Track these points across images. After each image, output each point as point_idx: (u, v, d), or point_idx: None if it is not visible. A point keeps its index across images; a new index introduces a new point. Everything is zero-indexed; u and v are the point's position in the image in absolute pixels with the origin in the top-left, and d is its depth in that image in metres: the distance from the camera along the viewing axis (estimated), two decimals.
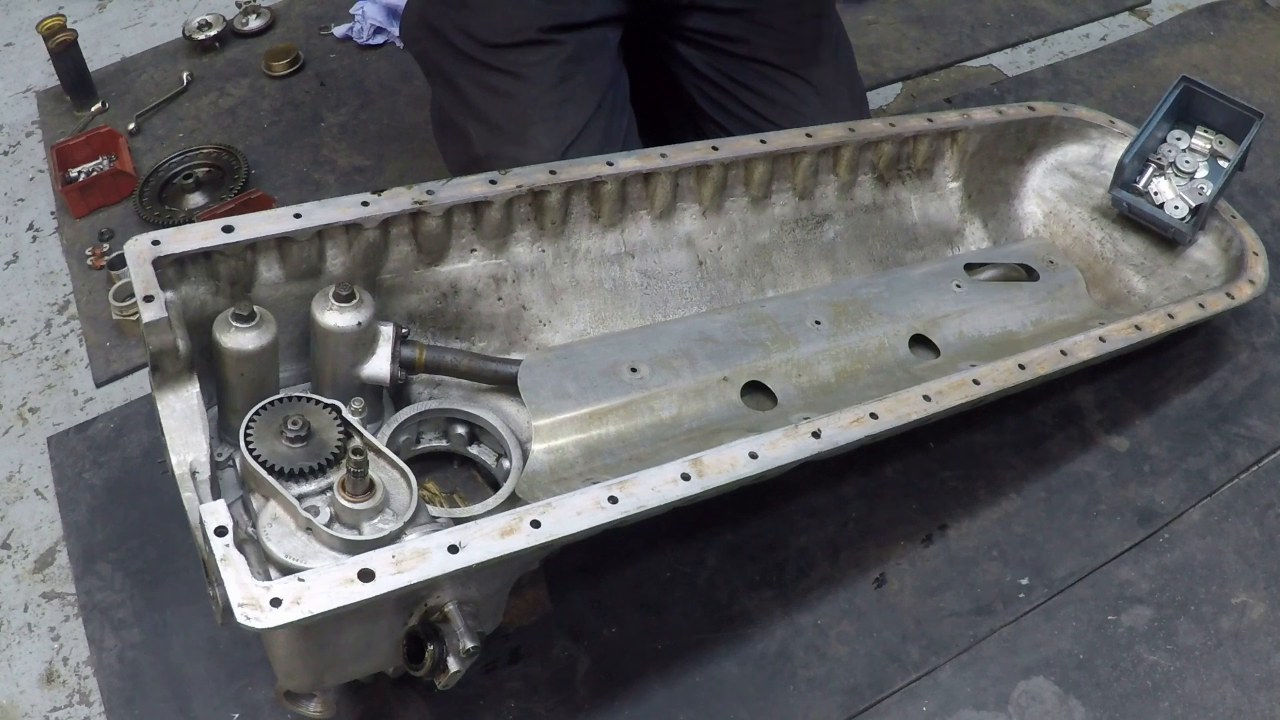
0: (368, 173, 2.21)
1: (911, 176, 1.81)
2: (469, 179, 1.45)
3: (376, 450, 1.21)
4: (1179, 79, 1.81)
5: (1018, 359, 1.44)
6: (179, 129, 2.35)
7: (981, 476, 1.65)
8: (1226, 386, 1.78)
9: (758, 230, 1.69)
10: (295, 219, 1.33)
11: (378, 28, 2.52)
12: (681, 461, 1.18)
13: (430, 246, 1.46)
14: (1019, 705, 1.42)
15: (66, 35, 2.32)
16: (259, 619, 0.97)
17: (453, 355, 1.45)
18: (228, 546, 1.01)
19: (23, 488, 1.73)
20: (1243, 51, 2.48)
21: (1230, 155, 1.80)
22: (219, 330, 1.27)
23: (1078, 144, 1.90)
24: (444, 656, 1.11)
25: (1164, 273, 1.80)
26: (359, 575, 1.01)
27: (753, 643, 1.47)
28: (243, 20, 2.60)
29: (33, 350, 1.96)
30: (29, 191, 2.28)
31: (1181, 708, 1.41)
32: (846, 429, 1.28)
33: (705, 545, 1.56)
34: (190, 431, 1.19)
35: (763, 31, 1.76)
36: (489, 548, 1.06)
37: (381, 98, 2.39)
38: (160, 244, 1.26)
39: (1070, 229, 1.89)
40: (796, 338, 1.61)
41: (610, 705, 1.41)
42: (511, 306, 1.54)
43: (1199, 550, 1.57)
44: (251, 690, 1.43)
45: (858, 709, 1.41)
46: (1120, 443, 1.70)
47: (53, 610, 1.57)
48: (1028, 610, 1.50)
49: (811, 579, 1.53)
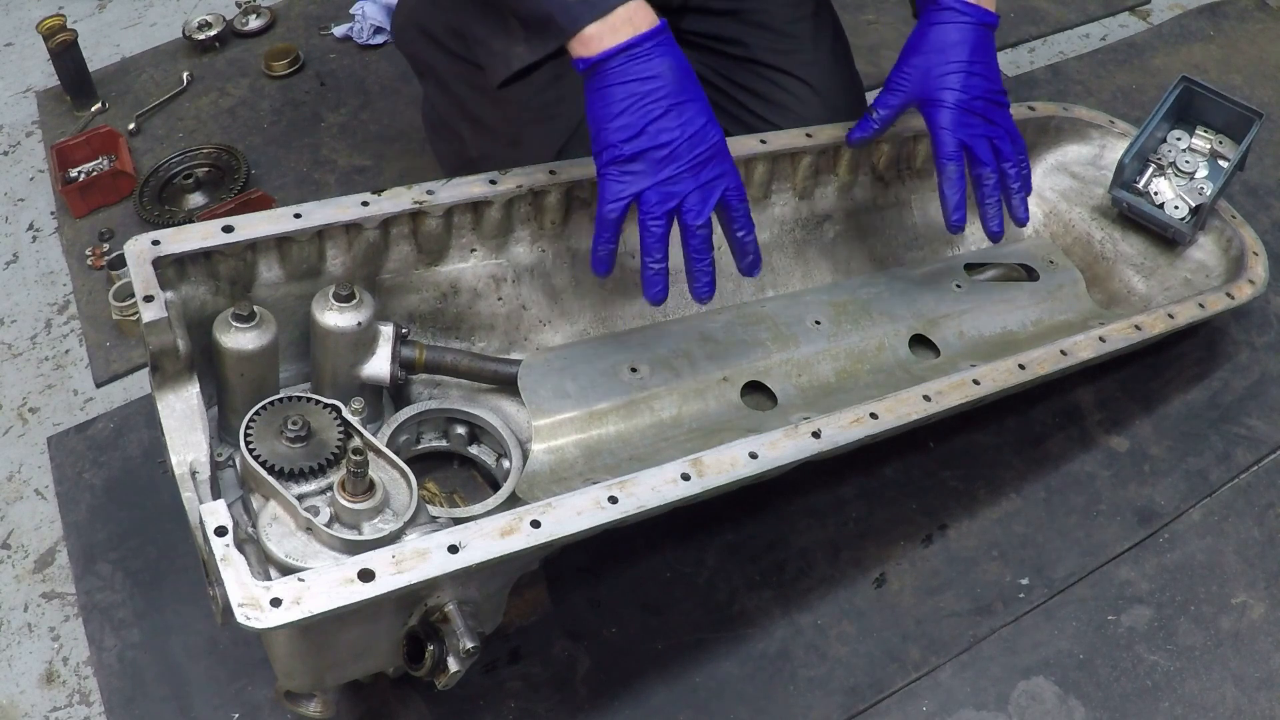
0: (368, 173, 2.21)
1: (911, 176, 1.81)
2: (469, 179, 1.45)
3: (376, 450, 1.21)
4: (1179, 79, 1.81)
5: (1018, 359, 1.45)
6: (179, 129, 2.35)
7: (981, 476, 1.65)
8: (1226, 386, 1.78)
9: (758, 230, 1.69)
10: (295, 219, 1.33)
11: (378, 28, 2.52)
12: (681, 461, 1.18)
13: (430, 246, 1.46)
14: (1019, 705, 1.42)
15: (66, 35, 2.32)
16: (259, 619, 0.97)
17: (453, 355, 1.45)
18: (228, 546, 1.01)
19: (23, 488, 1.73)
20: (1243, 51, 2.48)
21: (1230, 155, 1.80)
22: (219, 330, 1.27)
23: (1078, 144, 1.90)
24: (444, 656, 1.11)
25: (1164, 273, 1.80)
26: (359, 575, 1.01)
27: (753, 643, 1.47)
28: (243, 20, 2.60)
29: (33, 350, 1.96)
30: (29, 191, 2.28)
31: (1181, 708, 1.41)
32: (846, 429, 1.28)
33: (705, 545, 1.56)
34: (190, 431, 1.19)
35: (759, 32, 1.76)
36: (489, 548, 1.06)
37: (381, 98, 2.39)
38: (160, 244, 1.26)
39: (1070, 229, 1.89)
40: (796, 338, 1.61)
41: (610, 705, 1.41)
42: (511, 306, 1.54)
43: (1199, 550, 1.57)
44: (251, 690, 1.43)
45: (858, 709, 1.41)
46: (1120, 443, 1.70)
47: (53, 610, 1.57)
48: (1028, 610, 1.50)
49: (811, 579, 1.54)
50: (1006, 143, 1.54)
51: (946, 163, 1.52)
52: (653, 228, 1.31)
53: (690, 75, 1.33)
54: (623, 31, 1.28)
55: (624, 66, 1.28)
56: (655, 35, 1.29)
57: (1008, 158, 1.53)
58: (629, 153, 1.28)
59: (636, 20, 1.28)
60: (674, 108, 1.29)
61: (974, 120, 1.51)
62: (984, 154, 1.52)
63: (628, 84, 1.28)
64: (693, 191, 1.31)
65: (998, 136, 1.53)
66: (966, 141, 1.51)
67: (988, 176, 1.53)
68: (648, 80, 1.28)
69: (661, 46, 1.29)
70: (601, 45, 1.28)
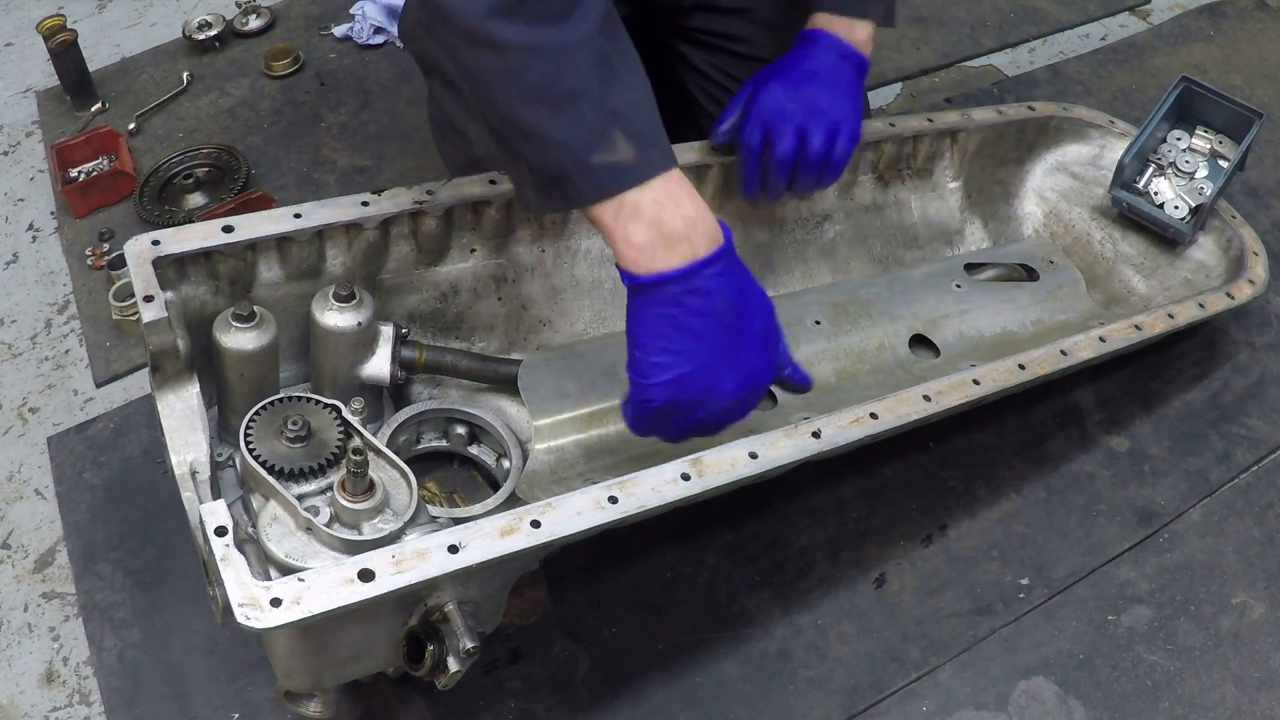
0: (368, 173, 2.21)
1: (911, 176, 1.81)
2: (469, 179, 1.45)
3: (376, 450, 1.21)
4: (1179, 79, 1.81)
5: (1018, 359, 1.44)
6: (179, 129, 2.35)
7: (981, 476, 1.65)
8: (1226, 386, 1.78)
9: (758, 230, 1.69)
10: (295, 219, 1.33)
11: (378, 28, 2.52)
12: (681, 461, 1.18)
13: (430, 246, 1.45)
14: (1019, 705, 1.42)
15: (66, 35, 2.32)
16: (259, 619, 0.97)
17: (453, 355, 1.45)
18: (228, 546, 1.01)
19: (23, 488, 1.73)
20: (1243, 51, 2.48)
21: (1230, 155, 1.80)
22: (219, 330, 1.27)
23: (1078, 144, 1.90)
24: (444, 656, 1.11)
25: (1164, 273, 1.80)
26: (359, 575, 1.01)
27: (753, 643, 1.47)
28: (243, 20, 2.60)
29: (33, 350, 1.96)
30: (29, 191, 2.28)
31: (1181, 708, 1.41)
32: (846, 429, 1.28)
33: (705, 545, 1.56)
34: (190, 431, 1.19)
35: (765, 30, 1.76)
36: (489, 548, 1.06)
37: (381, 98, 2.39)
38: (160, 244, 1.26)
39: (1070, 229, 1.89)
40: (796, 338, 1.61)
41: (610, 705, 1.41)
42: (511, 306, 1.54)
43: (1199, 550, 1.57)
44: (251, 690, 1.43)
45: (858, 709, 1.41)
46: (1120, 443, 1.70)
47: (53, 610, 1.57)
48: (1028, 610, 1.50)
49: (811, 579, 1.54)
50: (818, 142, 1.46)
51: (743, 145, 1.48)
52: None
53: (752, 300, 1.16)
54: (673, 246, 1.09)
55: (670, 294, 1.11)
56: (716, 260, 1.11)
57: (810, 157, 1.46)
58: (659, 403, 1.15)
59: (685, 225, 1.09)
60: (727, 355, 1.13)
61: (789, 105, 1.45)
62: (785, 145, 1.46)
63: (671, 315, 1.11)
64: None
65: (809, 126, 1.45)
66: (771, 123, 1.46)
67: (777, 174, 1.49)
68: (698, 318, 1.11)
69: (722, 275, 1.11)
70: (651, 260, 1.09)
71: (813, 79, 1.48)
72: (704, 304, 1.11)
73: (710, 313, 1.12)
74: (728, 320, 1.13)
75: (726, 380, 1.15)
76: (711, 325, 1.12)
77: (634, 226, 1.09)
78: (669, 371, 1.12)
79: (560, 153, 1.07)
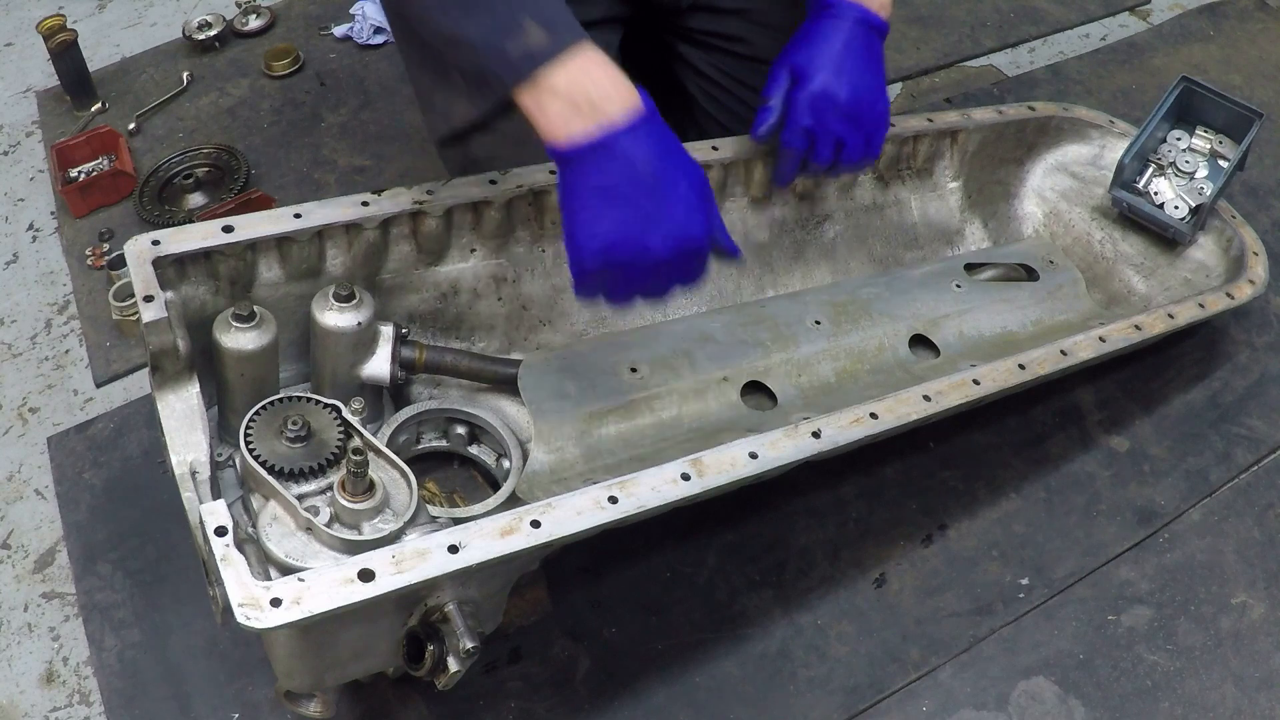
0: (368, 173, 2.21)
1: (911, 176, 1.81)
2: (469, 179, 1.45)
3: (376, 450, 1.21)
4: (1179, 79, 1.81)
5: (1018, 359, 1.45)
6: (179, 129, 2.35)
7: (981, 476, 1.65)
8: (1226, 386, 1.78)
9: (757, 230, 1.69)
10: (295, 219, 1.33)
11: (378, 28, 2.52)
12: (681, 461, 1.18)
13: (430, 246, 1.45)
14: (1019, 705, 1.42)
15: (66, 35, 2.32)
16: (259, 619, 0.97)
17: (453, 355, 1.45)
18: (228, 546, 1.01)
19: (23, 488, 1.73)
20: (1243, 51, 2.48)
21: (1230, 155, 1.80)
22: (219, 330, 1.27)
23: (1078, 144, 1.90)
24: (444, 656, 1.11)
25: (1164, 273, 1.80)
26: (359, 575, 1.01)
27: (753, 643, 1.47)
28: (243, 20, 2.60)
29: (33, 350, 1.96)
30: (29, 191, 2.28)
31: (1181, 708, 1.41)
32: (846, 429, 1.28)
33: (705, 545, 1.56)
34: (190, 431, 1.19)
35: (764, 31, 1.76)
36: (489, 548, 1.06)
37: (381, 98, 2.39)
38: (160, 244, 1.26)
39: (1070, 229, 1.89)
40: (796, 338, 1.61)
41: (610, 705, 1.41)
42: (511, 306, 1.54)
43: (1199, 550, 1.57)
44: (251, 690, 1.43)
45: (858, 709, 1.41)
46: (1120, 443, 1.70)
47: (53, 610, 1.57)
48: (1028, 610, 1.50)
49: (811, 579, 1.54)
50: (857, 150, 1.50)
51: (786, 148, 1.50)
52: (619, 305, 1.27)
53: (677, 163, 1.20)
54: (586, 115, 1.13)
55: (591, 162, 1.15)
56: (636, 127, 1.15)
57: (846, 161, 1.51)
58: (593, 269, 1.20)
59: (598, 93, 1.14)
60: (651, 216, 1.17)
61: (830, 116, 1.47)
62: (825, 153, 1.49)
63: (593, 183, 1.16)
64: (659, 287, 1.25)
65: (848, 137, 1.49)
66: (814, 132, 1.48)
67: (815, 170, 1.53)
68: (619, 182, 1.15)
69: (642, 140, 1.15)
70: (568, 131, 1.14)
71: (844, 66, 1.46)
72: (624, 169, 1.15)
73: (632, 178, 1.16)
74: (650, 184, 1.17)
75: (654, 241, 1.18)
76: (635, 189, 1.16)
77: (550, 101, 1.15)
78: (598, 238, 1.17)
79: (478, 47, 1.15)
